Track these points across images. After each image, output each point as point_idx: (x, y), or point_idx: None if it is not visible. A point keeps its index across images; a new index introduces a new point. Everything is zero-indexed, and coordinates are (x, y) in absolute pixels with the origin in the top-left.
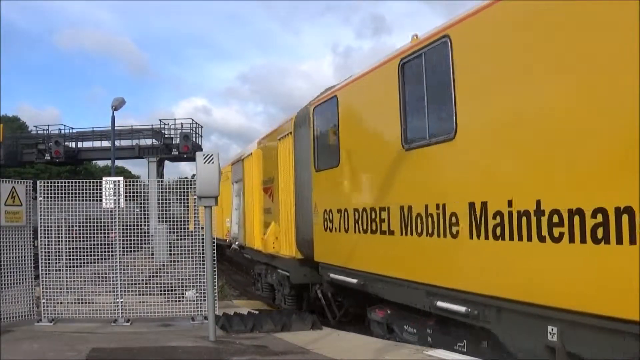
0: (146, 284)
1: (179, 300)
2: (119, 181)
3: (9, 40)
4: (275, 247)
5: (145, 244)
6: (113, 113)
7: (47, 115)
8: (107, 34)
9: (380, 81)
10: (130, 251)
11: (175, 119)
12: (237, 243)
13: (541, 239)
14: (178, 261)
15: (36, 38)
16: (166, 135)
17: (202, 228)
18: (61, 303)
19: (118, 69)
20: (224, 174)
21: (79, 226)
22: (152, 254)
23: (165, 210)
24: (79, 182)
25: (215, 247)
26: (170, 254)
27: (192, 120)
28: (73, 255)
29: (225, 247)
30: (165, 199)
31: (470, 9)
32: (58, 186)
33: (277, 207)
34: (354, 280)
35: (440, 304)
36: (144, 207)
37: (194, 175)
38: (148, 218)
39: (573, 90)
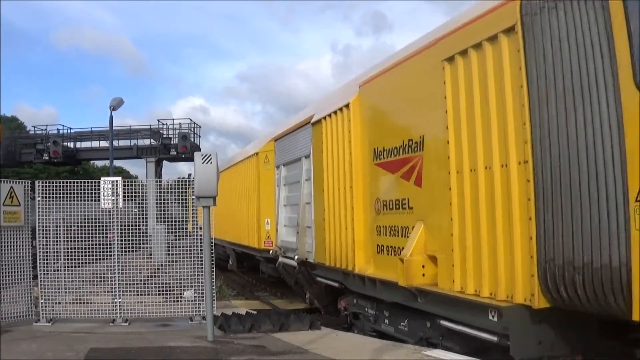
0: (144, 284)
1: (177, 301)
2: (117, 181)
3: (6, 39)
4: (427, 276)
5: (143, 244)
6: (111, 113)
7: (44, 115)
8: (105, 33)
9: None
10: (129, 251)
11: (173, 119)
12: (295, 257)
13: None
14: (176, 261)
15: (33, 37)
16: (164, 136)
17: (201, 228)
18: (59, 303)
19: (116, 69)
20: (261, 154)
21: (77, 226)
22: (151, 254)
23: (164, 211)
24: (77, 182)
25: (213, 248)
26: (169, 254)
27: (191, 120)
28: (71, 256)
29: (257, 259)
30: (164, 199)
31: None
32: (56, 186)
33: (436, 195)
34: None
35: None
36: (142, 207)
37: (190, 174)
38: (146, 218)
39: None
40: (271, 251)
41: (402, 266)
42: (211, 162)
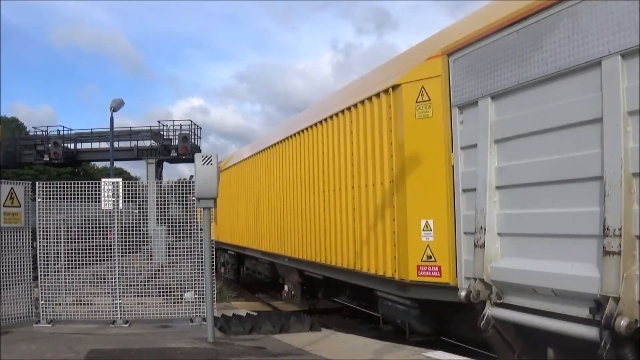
0: (145, 285)
1: (178, 302)
2: (117, 182)
3: (4, 39)
4: None
5: (144, 245)
6: (112, 114)
7: (42, 115)
8: (102, 32)
9: None
10: (129, 252)
11: (173, 120)
12: (617, 321)
13: None
14: (177, 262)
15: (30, 36)
16: (165, 137)
17: (201, 230)
18: (60, 304)
19: (114, 68)
20: (408, 89)
21: (78, 227)
22: (151, 255)
23: (164, 212)
24: (77, 184)
25: (214, 249)
26: (169, 256)
27: (191, 121)
28: (72, 257)
29: (378, 295)
30: (164, 201)
31: None
32: (57, 187)
33: None
34: None
35: None
36: (143, 208)
37: (192, 176)
38: (147, 219)
39: None
40: (462, 293)
41: None
42: (211, 163)
